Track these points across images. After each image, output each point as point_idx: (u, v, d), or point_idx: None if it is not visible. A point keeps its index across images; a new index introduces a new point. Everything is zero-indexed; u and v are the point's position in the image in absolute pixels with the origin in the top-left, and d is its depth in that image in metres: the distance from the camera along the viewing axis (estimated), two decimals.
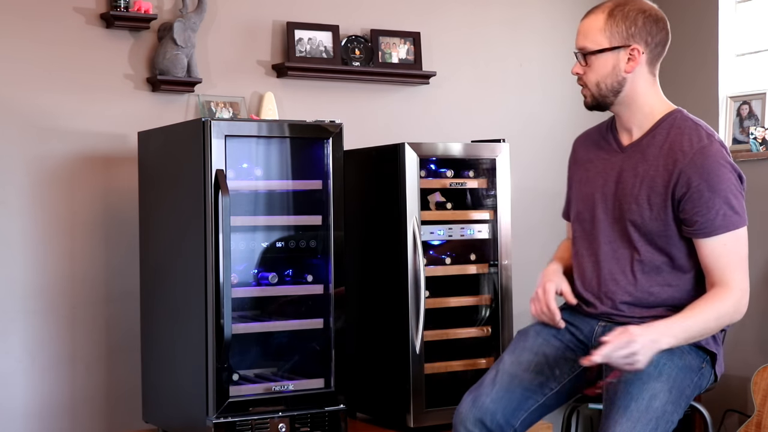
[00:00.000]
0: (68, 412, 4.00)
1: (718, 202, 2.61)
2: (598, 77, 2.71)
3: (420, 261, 3.74)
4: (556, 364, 2.82)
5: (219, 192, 3.35)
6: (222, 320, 3.34)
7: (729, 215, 2.64)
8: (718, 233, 2.63)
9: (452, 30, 4.89)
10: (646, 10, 2.69)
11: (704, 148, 2.62)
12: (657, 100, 2.76)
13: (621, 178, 2.73)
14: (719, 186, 2.61)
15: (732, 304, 2.68)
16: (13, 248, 3.93)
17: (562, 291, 2.81)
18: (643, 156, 2.70)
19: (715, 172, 2.61)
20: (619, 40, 2.67)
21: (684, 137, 2.66)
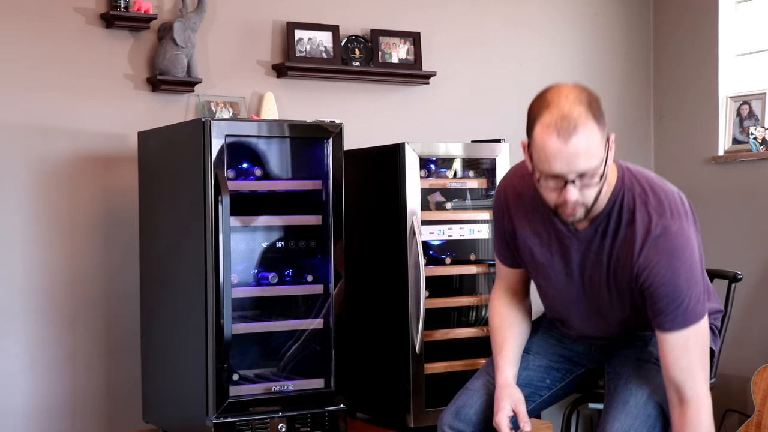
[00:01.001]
0: (68, 412, 4.00)
1: (677, 299, 2.43)
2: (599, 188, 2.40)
3: (420, 261, 3.74)
4: (547, 374, 2.82)
5: (219, 192, 3.35)
6: (222, 320, 3.34)
7: (691, 308, 2.45)
8: (679, 329, 2.46)
9: (452, 30, 4.89)
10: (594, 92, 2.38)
11: (657, 239, 2.42)
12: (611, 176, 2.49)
13: (584, 266, 2.56)
14: (678, 281, 2.42)
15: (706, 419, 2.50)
16: (13, 248, 3.93)
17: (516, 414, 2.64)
18: (601, 244, 2.50)
19: (672, 267, 2.41)
20: (605, 139, 2.38)
21: (637, 225, 2.45)
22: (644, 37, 5.45)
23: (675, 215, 2.46)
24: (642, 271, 2.45)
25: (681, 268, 2.42)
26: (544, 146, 2.32)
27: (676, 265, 2.42)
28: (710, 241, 5.06)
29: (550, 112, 2.33)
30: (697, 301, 2.45)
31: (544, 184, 2.38)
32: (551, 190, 2.39)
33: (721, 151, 5.09)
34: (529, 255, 2.65)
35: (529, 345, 2.82)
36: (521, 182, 2.60)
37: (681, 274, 2.42)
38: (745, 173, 4.98)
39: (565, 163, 2.31)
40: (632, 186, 2.49)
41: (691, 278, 2.44)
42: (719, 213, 5.11)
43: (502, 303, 2.81)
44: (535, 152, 2.37)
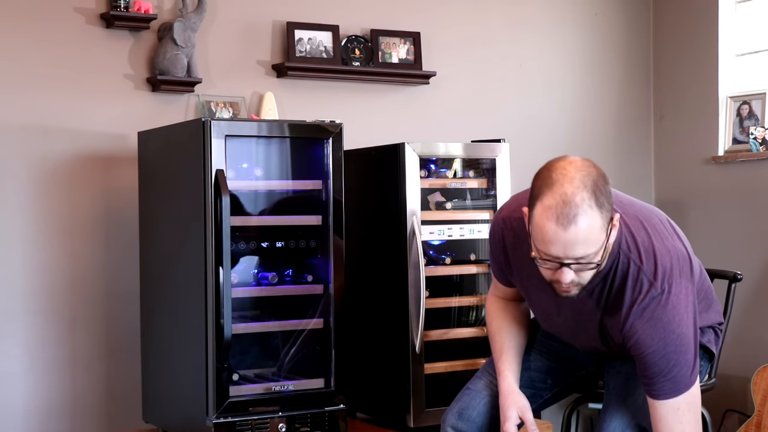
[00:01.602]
0: (68, 412, 4.00)
1: (665, 368, 2.40)
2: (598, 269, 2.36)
3: (420, 261, 3.74)
4: (548, 375, 2.82)
5: (219, 192, 3.35)
6: (222, 320, 3.34)
7: (680, 376, 2.41)
8: (670, 397, 2.43)
9: (452, 30, 4.89)
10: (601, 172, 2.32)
11: (645, 310, 2.39)
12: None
13: (579, 318, 2.54)
14: (665, 351, 2.38)
15: None
16: (13, 249, 3.93)
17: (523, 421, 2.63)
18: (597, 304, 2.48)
19: (659, 337, 2.38)
20: (608, 223, 2.31)
21: (627, 292, 2.42)
22: (644, 37, 5.45)
23: (667, 281, 2.40)
24: (629, 338, 2.42)
25: (669, 338, 2.38)
26: (542, 228, 2.28)
27: (663, 335, 2.38)
28: (710, 241, 5.08)
29: (552, 194, 2.27)
30: (687, 369, 2.41)
31: (540, 261, 2.34)
32: (547, 269, 2.35)
33: (721, 151, 5.09)
34: (524, 291, 2.64)
35: (529, 345, 2.82)
36: (520, 225, 2.51)
37: (669, 343, 2.38)
38: (745, 173, 4.98)
39: (561, 249, 2.27)
40: (629, 250, 2.44)
41: (680, 346, 2.39)
42: (719, 213, 5.10)
43: (499, 306, 2.80)
44: (534, 230, 2.32)
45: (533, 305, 2.68)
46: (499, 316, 2.78)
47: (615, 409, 2.59)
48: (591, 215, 2.25)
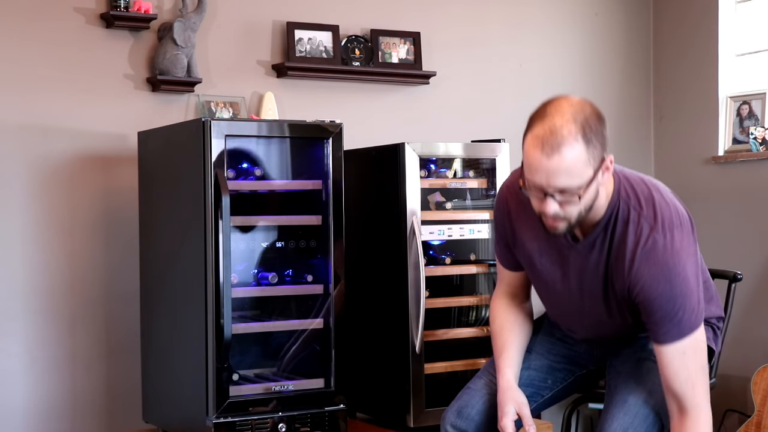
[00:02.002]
0: (68, 412, 4.00)
1: (671, 311, 2.42)
2: (583, 207, 2.39)
3: (420, 261, 3.74)
4: (549, 374, 2.82)
5: (219, 192, 3.35)
6: (222, 320, 3.34)
7: (685, 319, 2.44)
8: (675, 341, 2.45)
9: (452, 30, 4.89)
10: (597, 111, 2.36)
11: (648, 253, 2.41)
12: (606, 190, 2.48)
13: (583, 278, 2.56)
14: (673, 292, 2.41)
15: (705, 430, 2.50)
16: (13, 248, 3.93)
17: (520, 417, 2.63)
18: (599, 257, 2.50)
19: (665, 279, 2.40)
20: (598, 161, 2.34)
21: (629, 237, 2.44)
22: (644, 37, 5.45)
23: (668, 227, 2.44)
24: (634, 285, 2.44)
25: (674, 280, 2.41)
26: (528, 156, 2.35)
27: (668, 276, 2.41)
28: (710, 241, 5.07)
29: (542, 124, 2.34)
30: (692, 312, 2.44)
31: (526, 189, 2.41)
32: (534, 198, 2.41)
33: (721, 151, 5.09)
34: (529, 262, 2.66)
35: (531, 345, 2.82)
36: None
37: (675, 285, 2.41)
38: (745, 173, 4.98)
39: (544, 177, 2.33)
40: (628, 198, 2.48)
41: (685, 289, 2.42)
42: (719, 213, 5.10)
43: (503, 306, 2.81)
44: (523, 158, 2.40)
45: (538, 278, 2.66)
46: (501, 316, 2.80)
47: (617, 410, 2.58)
48: (576, 147, 2.30)
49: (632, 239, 2.44)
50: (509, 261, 2.76)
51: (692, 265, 2.45)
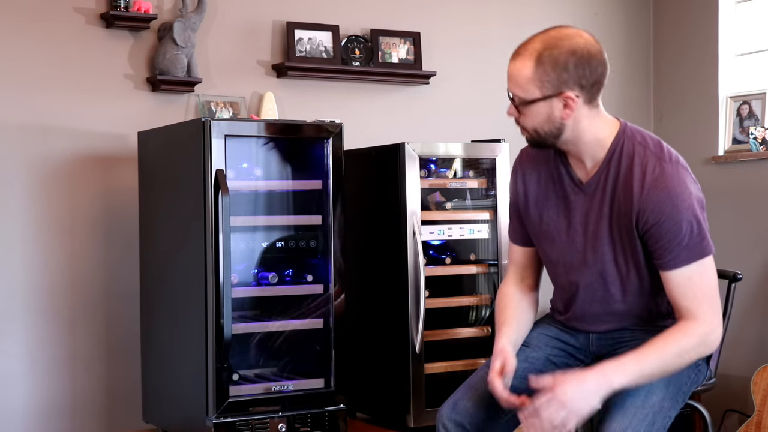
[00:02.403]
0: (68, 412, 4.00)
1: (679, 234, 2.49)
2: (534, 124, 2.54)
3: (420, 261, 3.74)
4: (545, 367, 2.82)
5: (219, 192, 3.35)
6: (222, 320, 3.34)
7: (693, 245, 2.50)
8: (682, 266, 2.51)
9: (452, 30, 4.89)
10: (577, 50, 2.48)
11: (658, 179, 2.51)
12: (603, 127, 2.60)
13: (588, 221, 2.61)
14: (679, 216, 2.49)
15: (698, 338, 2.54)
16: (13, 248, 3.93)
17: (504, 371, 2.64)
18: (603, 194, 2.59)
19: (673, 201, 2.49)
20: (550, 89, 2.48)
21: (635, 167, 2.54)
22: (644, 37, 5.46)
23: (674, 161, 2.55)
24: (643, 211, 2.51)
25: (681, 206, 2.49)
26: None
27: (675, 202, 2.49)
28: None
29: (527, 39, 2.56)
30: (700, 238, 2.51)
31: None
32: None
33: (721, 151, 5.09)
34: (537, 217, 2.71)
35: (528, 339, 2.83)
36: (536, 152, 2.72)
37: (681, 210, 2.49)
38: (745, 173, 4.98)
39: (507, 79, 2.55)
40: (633, 136, 2.59)
41: (692, 215, 2.50)
42: (719, 213, 5.10)
43: (511, 289, 2.85)
44: None
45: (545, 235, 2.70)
46: (507, 295, 2.84)
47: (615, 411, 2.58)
48: (527, 63, 2.48)
49: (639, 170, 2.53)
50: (520, 234, 2.81)
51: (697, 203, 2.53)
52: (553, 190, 2.66)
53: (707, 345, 2.55)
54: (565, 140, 2.57)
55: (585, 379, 2.50)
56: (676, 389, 2.63)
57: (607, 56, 2.54)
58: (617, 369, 2.49)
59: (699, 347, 2.54)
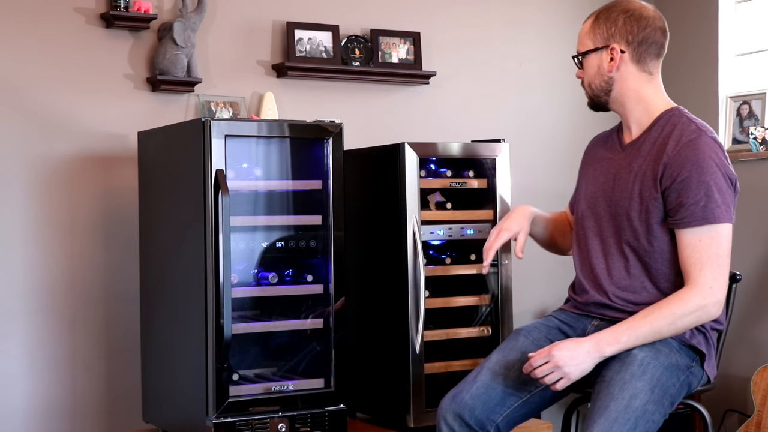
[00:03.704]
0: (68, 412, 4.00)
1: (699, 194, 2.60)
2: (589, 78, 2.84)
3: (420, 261, 3.74)
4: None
5: (219, 192, 3.35)
6: (222, 320, 3.34)
7: (710, 208, 2.60)
8: (695, 225, 2.61)
9: (452, 30, 4.89)
10: (630, 10, 2.78)
11: (693, 141, 2.66)
12: (655, 97, 2.82)
13: (618, 175, 2.79)
14: (703, 177, 2.61)
15: (695, 304, 2.62)
16: (13, 249, 3.93)
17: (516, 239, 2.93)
18: (638, 152, 2.76)
19: (700, 163, 2.62)
20: (600, 41, 2.79)
21: (675, 131, 2.70)
22: None
23: (716, 139, 2.70)
24: (670, 165, 2.64)
25: (707, 168, 2.61)
26: None
27: (702, 164, 2.61)
28: None
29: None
30: (716, 204, 2.59)
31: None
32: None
33: None
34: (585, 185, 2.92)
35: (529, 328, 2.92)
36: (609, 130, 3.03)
37: (706, 172, 2.60)
38: (745, 173, 4.97)
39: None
40: (683, 113, 2.77)
41: (715, 181, 2.61)
42: None
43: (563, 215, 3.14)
44: None
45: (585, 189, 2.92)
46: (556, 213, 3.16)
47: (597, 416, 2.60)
48: (588, 21, 2.84)
49: (677, 133, 2.69)
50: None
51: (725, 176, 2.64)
52: (603, 154, 2.90)
53: (705, 312, 2.63)
54: (614, 98, 2.82)
55: (580, 344, 2.64)
56: (662, 393, 2.63)
57: (665, 26, 2.80)
58: (610, 340, 2.63)
59: (695, 313, 2.62)
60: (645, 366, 2.61)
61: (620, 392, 2.59)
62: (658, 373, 2.62)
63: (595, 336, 2.65)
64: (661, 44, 2.82)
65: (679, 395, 2.72)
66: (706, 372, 2.77)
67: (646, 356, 2.62)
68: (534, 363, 2.64)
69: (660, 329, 2.62)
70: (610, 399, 2.59)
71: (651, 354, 2.63)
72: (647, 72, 2.81)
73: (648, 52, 2.79)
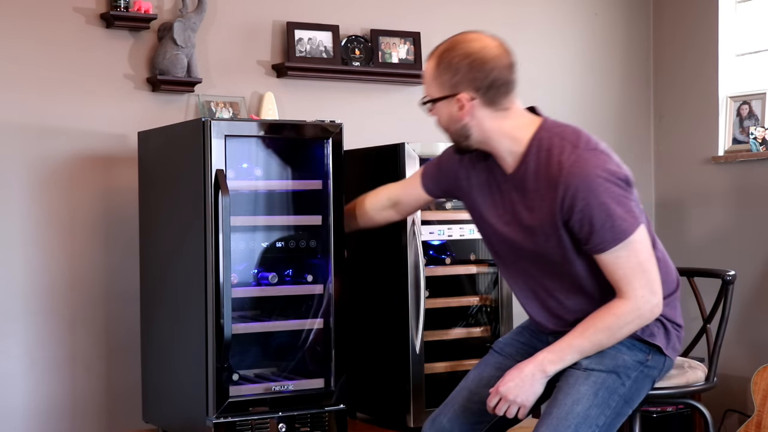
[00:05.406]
0: (68, 412, 4.00)
1: (601, 217, 2.53)
2: (443, 124, 2.72)
3: (420, 261, 3.74)
4: None
5: (219, 192, 3.35)
6: (222, 320, 3.34)
7: (616, 226, 2.53)
8: (609, 248, 2.56)
9: (452, 30, 4.82)
10: (472, 54, 2.61)
11: (573, 165, 2.54)
12: (518, 128, 2.66)
13: (515, 212, 2.69)
14: (598, 200, 2.52)
15: (631, 315, 2.60)
16: (14, 249, 3.93)
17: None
18: (525, 187, 2.65)
19: (589, 186, 2.52)
20: (447, 90, 2.65)
21: (553, 159, 2.59)
22: (644, 37, 5.46)
23: (592, 148, 2.59)
24: (563, 199, 2.55)
25: (598, 190, 2.52)
26: None
27: (593, 187, 2.52)
28: (710, 241, 5.08)
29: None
30: (621, 219, 2.53)
31: None
32: None
33: (721, 151, 5.09)
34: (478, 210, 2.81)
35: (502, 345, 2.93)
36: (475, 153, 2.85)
37: (600, 195, 2.52)
38: (745, 173, 4.98)
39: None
40: (551, 129, 2.65)
41: (610, 197, 2.53)
42: (719, 213, 5.11)
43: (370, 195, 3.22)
44: None
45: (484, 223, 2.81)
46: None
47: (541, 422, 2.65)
48: (430, 64, 2.69)
49: (555, 163, 2.58)
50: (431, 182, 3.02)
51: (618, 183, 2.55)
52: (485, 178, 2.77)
53: (643, 318, 2.61)
54: (476, 140, 2.68)
55: (522, 371, 2.64)
56: (608, 394, 2.64)
57: (512, 59, 2.67)
58: (553, 359, 2.62)
59: (633, 322, 2.61)
60: (589, 371, 2.64)
61: (564, 398, 2.63)
62: (603, 377, 2.64)
63: (537, 357, 2.65)
64: (510, 81, 2.68)
65: (639, 391, 2.72)
66: (668, 356, 2.75)
67: (590, 362, 2.64)
68: (490, 404, 2.67)
69: (600, 343, 2.64)
70: (554, 406, 2.64)
71: (596, 359, 2.65)
72: (503, 109, 2.66)
73: (499, 93, 2.64)
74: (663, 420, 4.68)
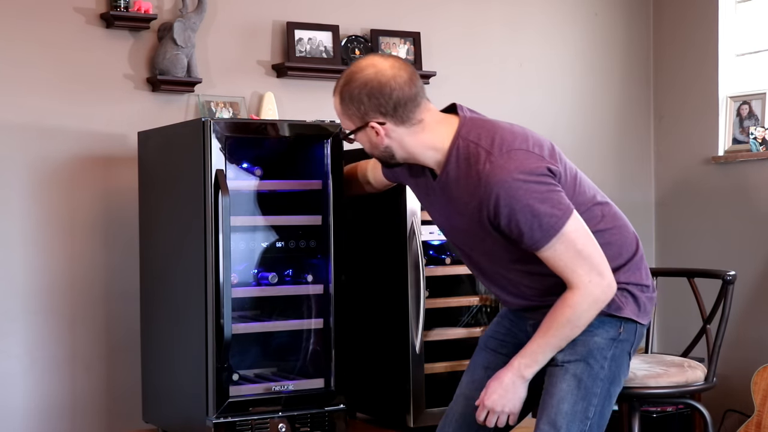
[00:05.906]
0: (68, 412, 4.00)
1: (527, 218, 2.54)
2: (367, 150, 2.76)
3: (420, 261, 3.74)
4: None
5: (219, 192, 3.35)
6: (222, 320, 3.34)
7: (544, 223, 2.54)
8: (542, 245, 2.57)
9: (452, 29, 4.89)
10: (368, 82, 2.61)
11: (489, 173, 2.56)
12: (437, 136, 2.67)
13: (449, 215, 2.74)
14: (520, 203, 2.53)
15: (585, 303, 2.61)
16: (14, 248, 3.93)
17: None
18: (452, 194, 2.69)
19: (508, 192, 2.54)
20: (357, 121, 2.67)
21: (471, 168, 2.61)
22: (644, 37, 5.46)
23: (505, 150, 2.59)
24: (488, 208, 2.58)
25: (516, 192, 2.53)
26: None
27: (511, 191, 2.54)
28: (710, 241, 5.08)
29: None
30: (548, 215, 2.54)
31: None
32: None
33: (721, 151, 5.09)
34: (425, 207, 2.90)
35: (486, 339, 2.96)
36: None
37: (518, 196, 2.53)
38: (745, 173, 4.98)
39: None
40: (466, 135, 2.64)
41: (532, 196, 2.54)
42: (719, 213, 5.11)
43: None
44: None
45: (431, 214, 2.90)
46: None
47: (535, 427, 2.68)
48: (335, 100, 2.69)
49: (474, 170, 2.59)
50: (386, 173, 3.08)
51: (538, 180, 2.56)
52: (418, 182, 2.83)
53: (598, 301, 2.61)
54: (402, 157, 2.72)
55: (502, 381, 2.68)
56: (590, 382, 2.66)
57: (406, 77, 2.61)
58: (528, 362, 2.65)
59: (591, 308, 2.61)
60: (566, 365, 2.66)
61: (550, 400, 2.67)
62: (580, 368, 2.65)
63: (512, 364, 2.68)
64: (414, 95, 2.64)
65: (620, 367, 2.72)
66: (639, 323, 2.74)
67: (565, 355, 2.67)
68: (480, 418, 2.71)
69: (566, 336, 2.65)
70: (542, 410, 2.68)
71: (569, 350, 2.66)
72: (417, 122, 2.65)
73: (407, 110, 2.63)
74: (663, 420, 4.68)
